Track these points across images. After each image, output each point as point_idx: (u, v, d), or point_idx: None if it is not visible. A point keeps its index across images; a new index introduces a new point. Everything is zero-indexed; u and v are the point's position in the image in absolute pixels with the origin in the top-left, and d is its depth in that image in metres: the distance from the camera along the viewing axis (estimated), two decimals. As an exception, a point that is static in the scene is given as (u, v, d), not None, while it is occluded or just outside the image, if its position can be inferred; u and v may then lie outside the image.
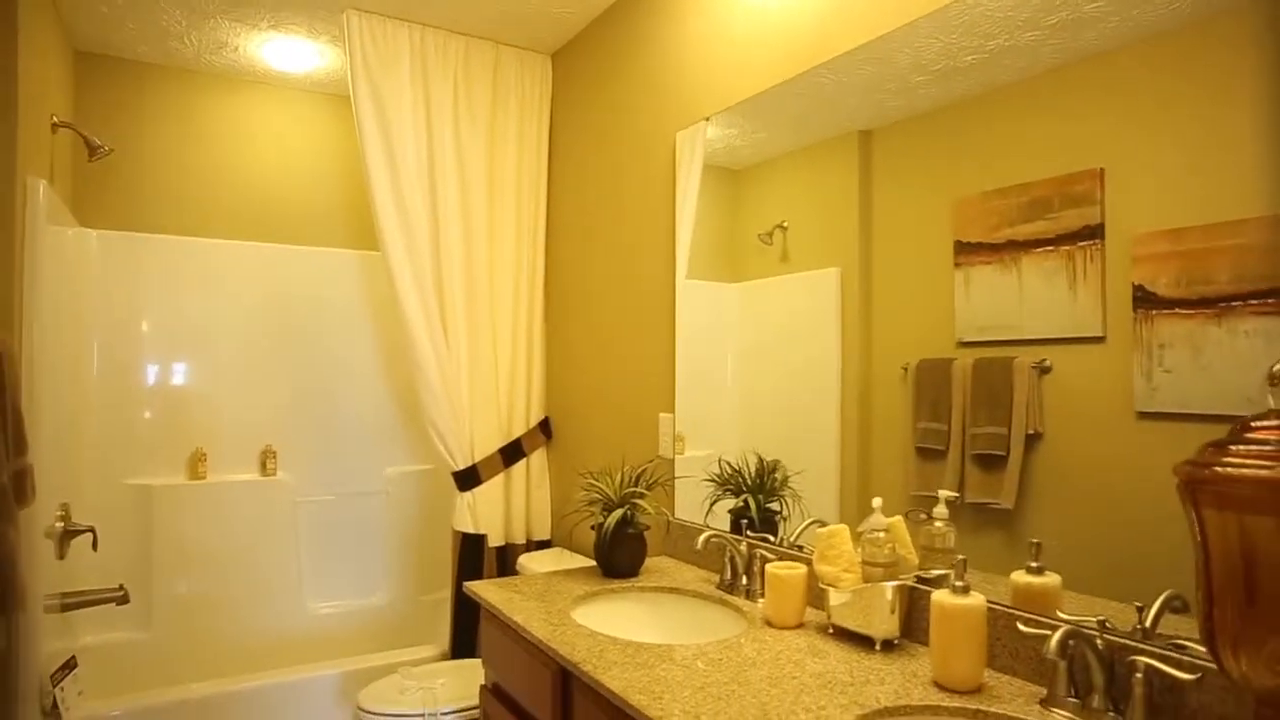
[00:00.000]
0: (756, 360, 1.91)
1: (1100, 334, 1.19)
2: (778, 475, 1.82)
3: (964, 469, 1.39)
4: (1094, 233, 1.20)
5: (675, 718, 1.10)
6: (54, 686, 2.14)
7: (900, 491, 1.51)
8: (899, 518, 1.47)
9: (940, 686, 1.21)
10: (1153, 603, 1.09)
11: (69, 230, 2.65)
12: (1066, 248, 1.24)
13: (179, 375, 3.04)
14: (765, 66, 1.90)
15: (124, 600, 2.46)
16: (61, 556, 2.33)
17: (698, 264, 2.13)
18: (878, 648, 1.39)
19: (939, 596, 1.23)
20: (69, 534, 2.37)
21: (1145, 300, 1.13)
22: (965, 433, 1.39)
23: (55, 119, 2.42)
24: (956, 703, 1.15)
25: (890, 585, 1.37)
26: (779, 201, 1.84)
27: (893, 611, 1.37)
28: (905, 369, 1.51)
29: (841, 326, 1.66)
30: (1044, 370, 1.26)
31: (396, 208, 2.60)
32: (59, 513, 2.32)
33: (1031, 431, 1.28)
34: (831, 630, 1.48)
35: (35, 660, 2.00)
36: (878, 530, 1.42)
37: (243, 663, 3.03)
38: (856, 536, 1.50)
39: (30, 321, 2.01)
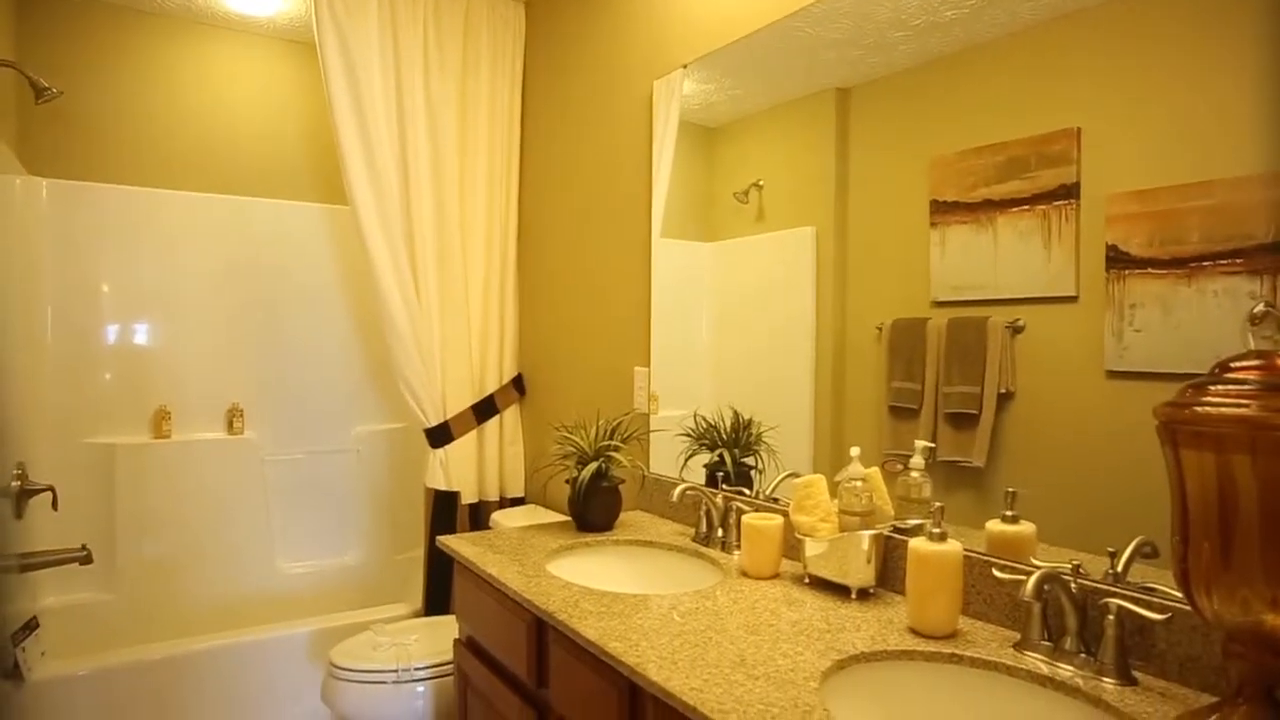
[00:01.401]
0: (732, 319, 1.91)
1: (1073, 293, 1.21)
2: (753, 430, 1.84)
3: (936, 427, 1.42)
4: (1069, 192, 1.21)
5: (652, 664, 1.12)
6: (15, 647, 2.10)
7: (874, 450, 1.53)
8: (875, 469, 1.50)
9: (916, 633, 1.24)
10: (1124, 548, 1.13)
11: (16, 178, 2.54)
12: (1042, 207, 1.25)
13: (140, 332, 2.95)
14: (744, 12, 1.87)
15: (87, 560, 2.42)
16: (19, 516, 2.27)
17: (673, 222, 2.12)
18: (854, 596, 1.42)
19: (916, 543, 1.26)
20: (26, 493, 2.31)
21: (1118, 260, 1.15)
22: (938, 391, 1.42)
23: (-3, 58, 2.30)
24: (932, 647, 1.18)
25: (867, 534, 1.40)
26: (755, 160, 1.83)
27: (869, 561, 1.40)
28: (880, 328, 1.53)
29: (817, 286, 1.67)
30: (1017, 330, 1.29)
31: (365, 160, 2.54)
32: (15, 471, 2.27)
33: (1004, 390, 1.30)
34: (808, 580, 1.51)
35: (-4, 620, 1.96)
36: (855, 479, 1.45)
37: (212, 624, 3.00)
38: (833, 487, 1.52)
39: (-21, 273, 1.93)
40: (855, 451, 1.47)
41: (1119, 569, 1.13)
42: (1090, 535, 1.17)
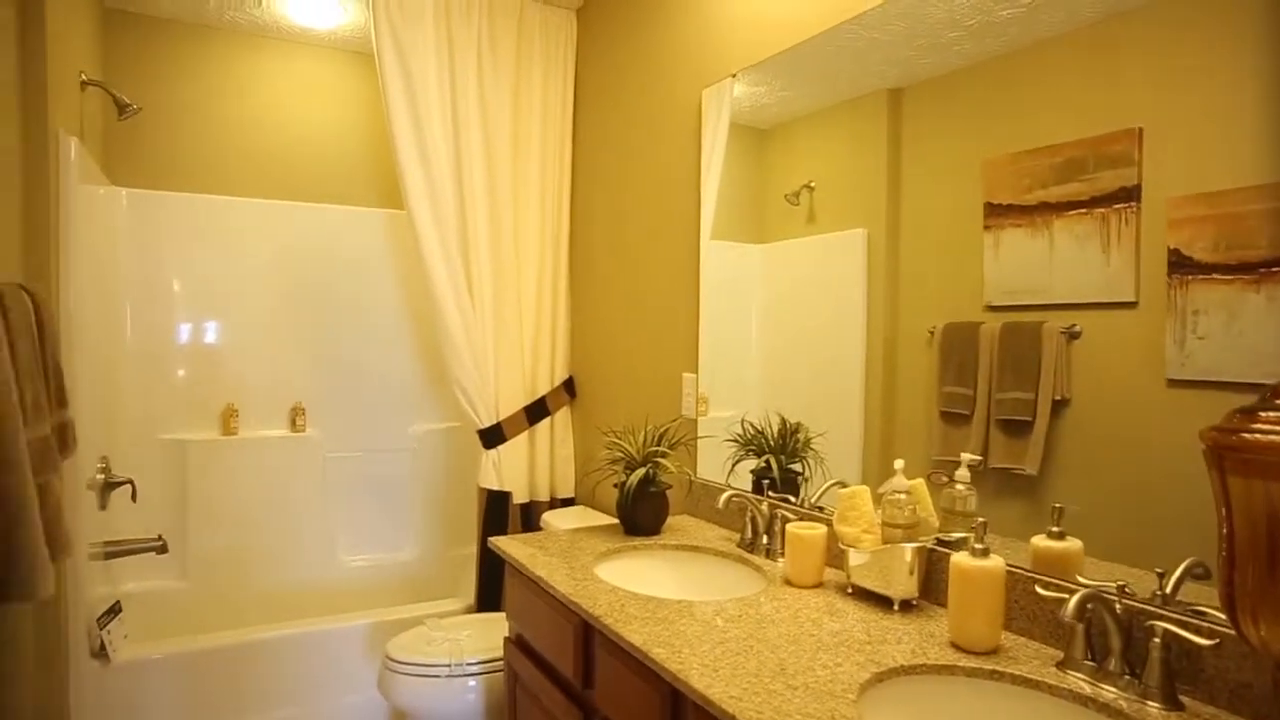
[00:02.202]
0: (781, 322, 1.90)
1: (1133, 299, 1.17)
2: (800, 436, 1.82)
3: (988, 434, 1.38)
4: (1130, 195, 1.17)
5: (694, 671, 1.13)
6: (101, 629, 2.23)
7: (923, 455, 1.51)
8: (920, 480, 1.48)
9: (957, 647, 1.22)
10: (1174, 569, 1.09)
11: (100, 189, 2.68)
12: (1101, 210, 1.21)
13: (209, 333, 3.09)
14: (794, 21, 1.85)
15: (163, 550, 2.55)
16: (103, 507, 2.41)
17: (723, 224, 2.12)
18: (896, 608, 1.40)
19: (958, 558, 1.24)
20: (109, 486, 2.45)
21: (1181, 265, 1.11)
22: (991, 397, 1.38)
23: (84, 76, 2.43)
24: (973, 663, 1.16)
25: (910, 546, 1.38)
26: (806, 161, 1.82)
27: (911, 573, 1.39)
28: (932, 332, 1.50)
29: (868, 288, 1.65)
30: (1073, 335, 1.25)
31: (421, 166, 2.60)
32: (100, 465, 2.40)
33: (1059, 397, 1.27)
34: (850, 590, 1.50)
35: (82, 604, 2.08)
36: (899, 492, 1.43)
37: (276, 612, 3.13)
38: (877, 498, 1.50)
39: (66, 279, 2.05)
40: (899, 464, 1.45)
41: (1167, 590, 1.09)
42: (1145, 550, 1.13)
